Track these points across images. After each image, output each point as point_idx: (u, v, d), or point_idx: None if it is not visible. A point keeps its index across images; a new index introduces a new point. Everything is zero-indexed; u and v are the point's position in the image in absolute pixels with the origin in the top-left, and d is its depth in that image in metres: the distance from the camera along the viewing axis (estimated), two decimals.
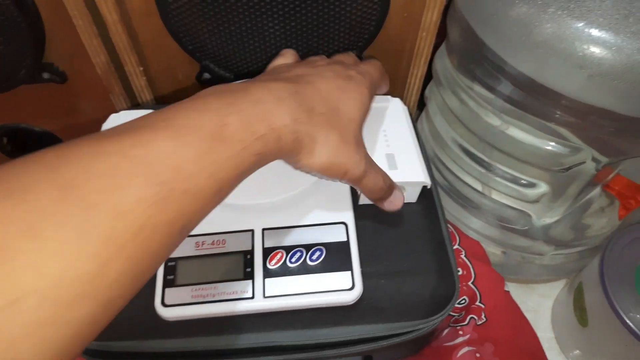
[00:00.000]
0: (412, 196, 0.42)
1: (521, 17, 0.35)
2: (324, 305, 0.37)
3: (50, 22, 0.45)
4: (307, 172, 0.32)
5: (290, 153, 0.29)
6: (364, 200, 0.40)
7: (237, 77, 0.50)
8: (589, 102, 0.35)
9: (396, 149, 0.42)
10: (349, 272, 0.37)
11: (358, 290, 0.36)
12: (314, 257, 0.37)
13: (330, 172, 0.31)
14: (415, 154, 0.41)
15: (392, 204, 0.36)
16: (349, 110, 0.32)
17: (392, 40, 0.49)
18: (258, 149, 0.26)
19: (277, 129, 0.27)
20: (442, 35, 0.49)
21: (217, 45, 0.47)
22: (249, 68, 0.50)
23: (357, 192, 0.40)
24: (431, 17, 0.45)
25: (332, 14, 0.44)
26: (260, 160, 0.27)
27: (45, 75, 0.50)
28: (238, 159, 0.25)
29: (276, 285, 0.36)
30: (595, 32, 0.32)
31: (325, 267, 0.37)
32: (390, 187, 0.35)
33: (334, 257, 0.38)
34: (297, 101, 0.29)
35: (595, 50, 0.32)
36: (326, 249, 0.38)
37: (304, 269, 0.37)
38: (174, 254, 0.38)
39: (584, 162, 0.42)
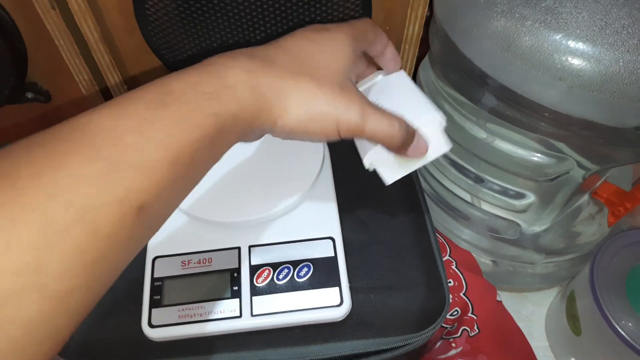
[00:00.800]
0: (437, 143, 0.33)
1: (500, 30, 0.35)
2: (313, 322, 0.36)
3: (31, 42, 0.45)
4: (292, 137, 0.28)
5: (259, 113, 0.25)
6: (392, 177, 0.33)
7: None
8: (570, 113, 0.35)
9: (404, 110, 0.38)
10: (337, 288, 0.37)
11: (347, 306, 0.36)
12: (302, 273, 0.37)
13: (316, 127, 0.26)
14: (423, 100, 0.36)
15: (417, 149, 0.31)
16: (323, 59, 0.28)
17: None
18: (213, 109, 0.23)
19: (232, 85, 0.24)
20: (425, 47, 0.50)
21: (200, 60, 0.47)
22: None
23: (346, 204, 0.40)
24: (412, 30, 0.45)
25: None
26: (222, 125, 0.23)
27: (29, 95, 0.49)
28: (189, 123, 0.22)
29: (264, 303, 0.36)
30: (573, 43, 0.32)
31: (313, 283, 0.37)
32: (408, 131, 0.29)
33: (322, 273, 0.37)
34: (251, 56, 0.26)
35: (574, 61, 0.32)
36: (314, 265, 0.37)
37: (292, 286, 0.37)
38: (160, 274, 0.38)
39: (568, 172, 0.42)
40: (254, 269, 0.37)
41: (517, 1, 0.34)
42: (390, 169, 0.32)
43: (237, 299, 0.36)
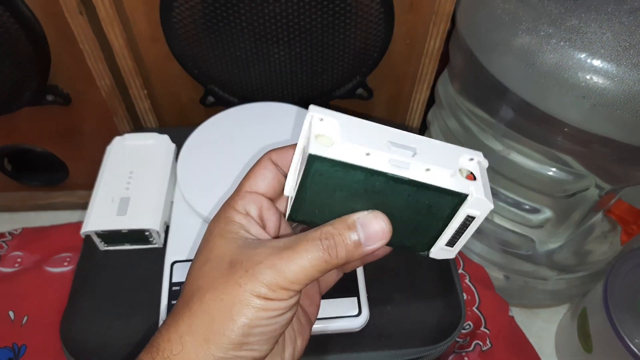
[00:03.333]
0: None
1: (524, 47, 0.36)
2: (331, 332, 0.36)
3: (56, 46, 0.45)
4: None
5: None
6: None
7: (242, 100, 0.51)
8: (592, 131, 0.36)
9: (135, 193, 0.41)
10: (356, 298, 0.37)
11: (365, 316, 0.36)
12: None
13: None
14: (156, 199, 0.39)
15: (371, 240, 0.23)
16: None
17: (395, 66, 0.49)
18: None
19: None
20: (445, 60, 0.50)
21: (223, 70, 0.48)
22: (253, 92, 0.50)
23: None
24: (434, 44, 0.46)
25: (336, 40, 0.45)
26: None
27: (50, 98, 0.50)
28: None
29: None
30: (597, 63, 0.33)
31: (332, 292, 0.37)
32: (342, 239, 0.23)
33: (341, 282, 0.37)
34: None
35: (598, 80, 0.33)
36: None
37: None
38: (179, 279, 0.38)
39: (587, 189, 0.42)
40: None
41: (543, 19, 0.35)
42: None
43: None
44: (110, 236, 0.40)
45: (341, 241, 0.22)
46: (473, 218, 0.23)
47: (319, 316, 0.36)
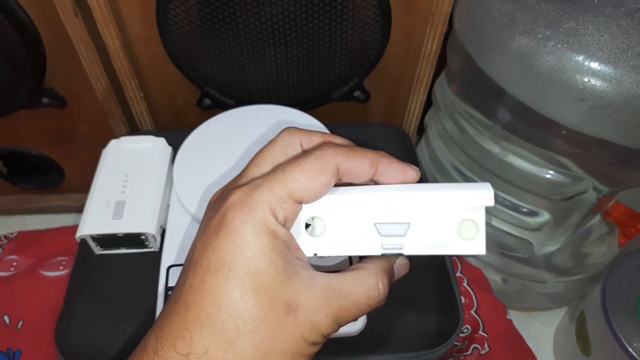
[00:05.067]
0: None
1: (522, 49, 0.36)
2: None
3: (51, 48, 0.45)
4: None
5: None
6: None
7: (238, 103, 0.50)
8: (590, 133, 0.36)
9: (131, 196, 0.40)
10: None
11: (362, 321, 0.36)
12: None
13: None
14: (152, 203, 0.39)
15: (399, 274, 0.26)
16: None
17: (392, 69, 0.49)
18: None
19: None
20: (442, 63, 0.50)
21: (219, 72, 0.48)
22: (250, 94, 0.50)
23: None
24: (431, 46, 0.45)
25: (333, 42, 0.45)
26: None
27: (45, 100, 0.49)
28: None
29: None
30: (595, 65, 0.33)
31: None
32: (386, 272, 0.24)
33: None
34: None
35: (596, 83, 0.33)
36: None
37: None
38: (175, 283, 0.38)
39: (585, 191, 0.42)
40: None
41: (540, 22, 0.35)
42: None
43: None
44: (106, 240, 0.40)
45: (387, 291, 0.24)
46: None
47: None
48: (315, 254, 0.22)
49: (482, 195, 0.21)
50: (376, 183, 0.24)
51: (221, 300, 0.20)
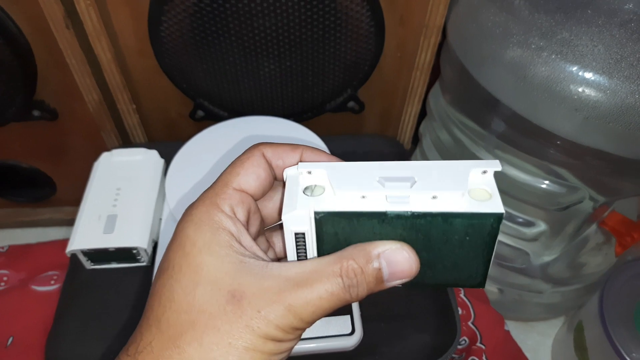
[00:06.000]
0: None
1: (515, 60, 0.36)
2: (324, 352, 0.35)
3: (43, 61, 0.45)
4: None
5: None
6: None
7: (232, 114, 0.50)
8: (585, 144, 0.35)
9: (123, 210, 0.40)
10: (349, 316, 0.36)
11: (358, 335, 0.35)
12: None
13: None
14: (144, 216, 0.39)
15: (395, 275, 0.21)
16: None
17: (386, 80, 0.49)
18: None
19: None
20: (436, 73, 0.50)
21: (212, 84, 0.47)
22: (243, 106, 0.50)
23: None
24: (425, 57, 0.45)
25: (327, 54, 0.45)
26: None
27: (36, 113, 0.49)
28: None
29: None
30: (589, 75, 0.33)
31: None
32: (364, 271, 0.20)
33: None
34: None
35: (591, 93, 0.33)
36: None
37: None
38: None
39: (581, 201, 0.42)
40: None
41: (533, 33, 0.35)
42: None
43: None
44: (97, 255, 0.39)
45: (363, 280, 0.20)
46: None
47: (311, 335, 0.35)
48: (316, 212, 0.20)
49: (489, 163, 0.21)
50: None
51: (166, 297, 0.20)
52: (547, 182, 0.42)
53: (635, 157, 0.35)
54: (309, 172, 0.21)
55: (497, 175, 0.22)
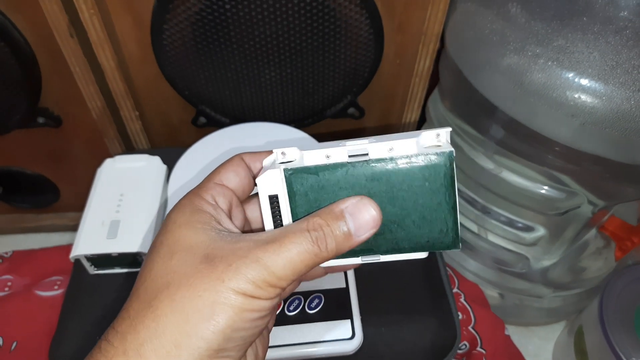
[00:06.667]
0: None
1: (512, 67, 0.36)
2: (324, 356, 0.36)
3: (47, 69, 0.45)
4: None
5: None
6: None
7: (233, 121, 0.51)
8: (582, 149, 0.36)
9: (126, 216, 0.40)
10: (349, 321, 0.36)
11: (359, 339, 0.36)
12: (313, 304, 0.37)
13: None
14: (147, 222, 0.39)
15: (361, 229, 0.22)
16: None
17: (385, 86, 0.50)
18: None
19: None
20: (435, 79, 0.51)
21: (214, 91, 0.48)
22: (245, 112, 0.50)
23: None
24: (424, 64, 0.46)
25: (327, 61, 0.45)
26: None
27: (40, 120, 0.49)
28: None
29: (273, 335, 0.35)
30: (585, 82, 0.33)
31: (325, 315, 0.36)
32: (332, 229, 0.21)
33: (333, 305, 0.37)
34: None
35: (587, 99, 0.33)
36: (325, 296, 0.37)
37: (303, 318, 0.36)
38: None
39: (580, 206, 0.42)
40: None
41: (530, 40, 0.35)
42: None
43: None
44: (100, 260, 0.39)
45: (330, 232, 0.21)
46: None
47: (311, 340, 0.35)
48: (285, 170, 0.22)
49: (441, 129, 0.23)
50: None
51: (147, 270, 0.21)
52: (546, 187, 0.43)
53: (633, 162, 0.35)
54: (283, 153, 0.23)
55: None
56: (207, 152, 0.45)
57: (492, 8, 0.39)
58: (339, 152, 0.22)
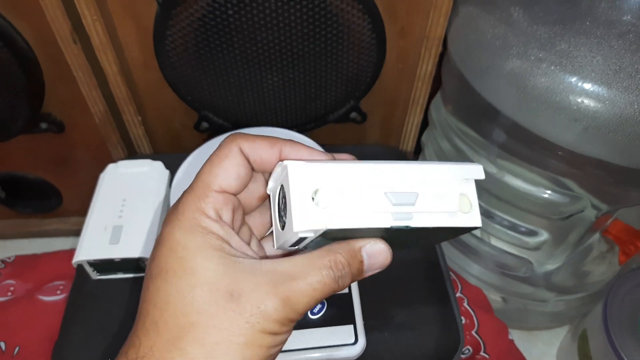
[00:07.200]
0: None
1: (515, 71, 0.36)
2: None
3: (50, 74, 0.45)
4: None
5: None
6: None
7: (236, 126, 0.51)
8: (585, 154, 0.36)
9: (128, 221, 0.40)
10: (352, 326, 0.36)
11: (362, 344, 0.35)
12: (315, 310, 0.37)
13: None
14: (150, 227, 0.39)
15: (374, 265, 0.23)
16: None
17: (388, 90, 0.50)
18: None
19: None
20: (437, 83, 0.51)
21: (216, 96, 0.48)
22: (247, 117, 0.50)
23: None
24: (426, 68, 0.46)
25: (329, 66, 0.45)
26: None
27: (43, 125, 0.50)
28: None
29: None
30: (588, 86, 0.33)
31: (327, 320, 0.36)
32: (349, 263, 0.22)
33: (336, 310, 0.37)
34: None
35: (590, 103, 0.33)
36: (328, 301, 0.37)
37: (306, 323, 0.36)
38: None
39: (582, 211, 0.42)
40: None
41: (533, 44, 0.35)
42: None
43: None
44: (103, 265, 0.39)
45: (349, 271, 0.22)
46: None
47: (313, 345, 0.35)
48: (328, 229, 0.20)
49: (473, 169, 0.23)
50: None
51: (162, 301, 0.20)
52: (549, 191, 0.43)
53: (636, 166, 0.35)
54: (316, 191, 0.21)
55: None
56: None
57: (495, 12, 0.39)
58: (382, 213, 0.21)
